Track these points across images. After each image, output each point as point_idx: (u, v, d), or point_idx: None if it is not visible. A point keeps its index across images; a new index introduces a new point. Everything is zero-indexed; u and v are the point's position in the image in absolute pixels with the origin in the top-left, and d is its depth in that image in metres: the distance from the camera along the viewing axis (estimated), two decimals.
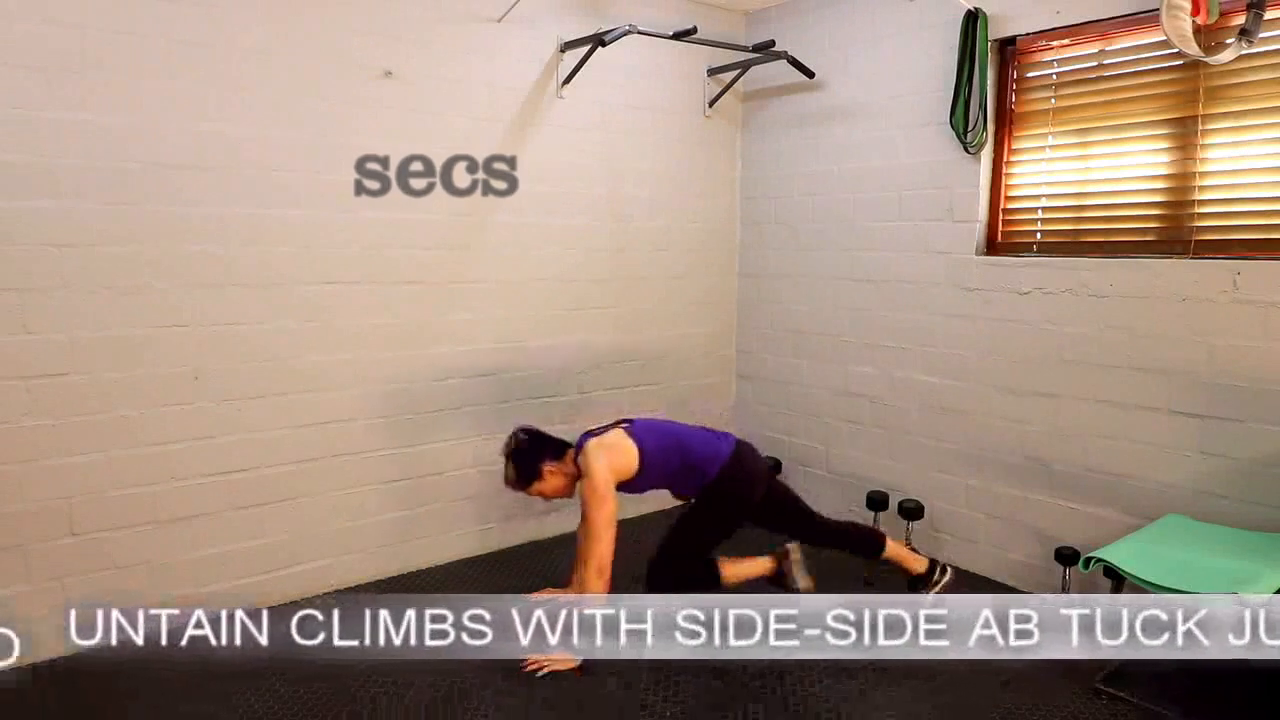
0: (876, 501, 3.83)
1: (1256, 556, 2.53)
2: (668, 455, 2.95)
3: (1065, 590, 3.24)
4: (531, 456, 2.97)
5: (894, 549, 3.17)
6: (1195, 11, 2.70)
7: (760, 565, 3.06)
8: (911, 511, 3.65)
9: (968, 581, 3.54)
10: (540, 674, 2.73)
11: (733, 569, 3.02)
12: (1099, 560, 2.55)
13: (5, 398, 2.69)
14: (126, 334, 2.87)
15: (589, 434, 2.99)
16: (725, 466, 2.95)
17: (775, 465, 4.32)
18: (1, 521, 2.72)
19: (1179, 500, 3.00)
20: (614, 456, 2.85)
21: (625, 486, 2.92)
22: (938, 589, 3.18)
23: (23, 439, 2.73)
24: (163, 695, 2.61)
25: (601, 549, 2.73)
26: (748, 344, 4.60)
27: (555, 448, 3.00)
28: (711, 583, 2.95)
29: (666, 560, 2.95)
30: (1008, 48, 3.50)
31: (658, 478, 2.97)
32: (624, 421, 3.05)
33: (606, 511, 2.76)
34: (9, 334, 2.68)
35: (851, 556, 3.24)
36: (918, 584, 3.21)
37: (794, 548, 3.07)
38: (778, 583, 3.05)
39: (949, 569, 3.21)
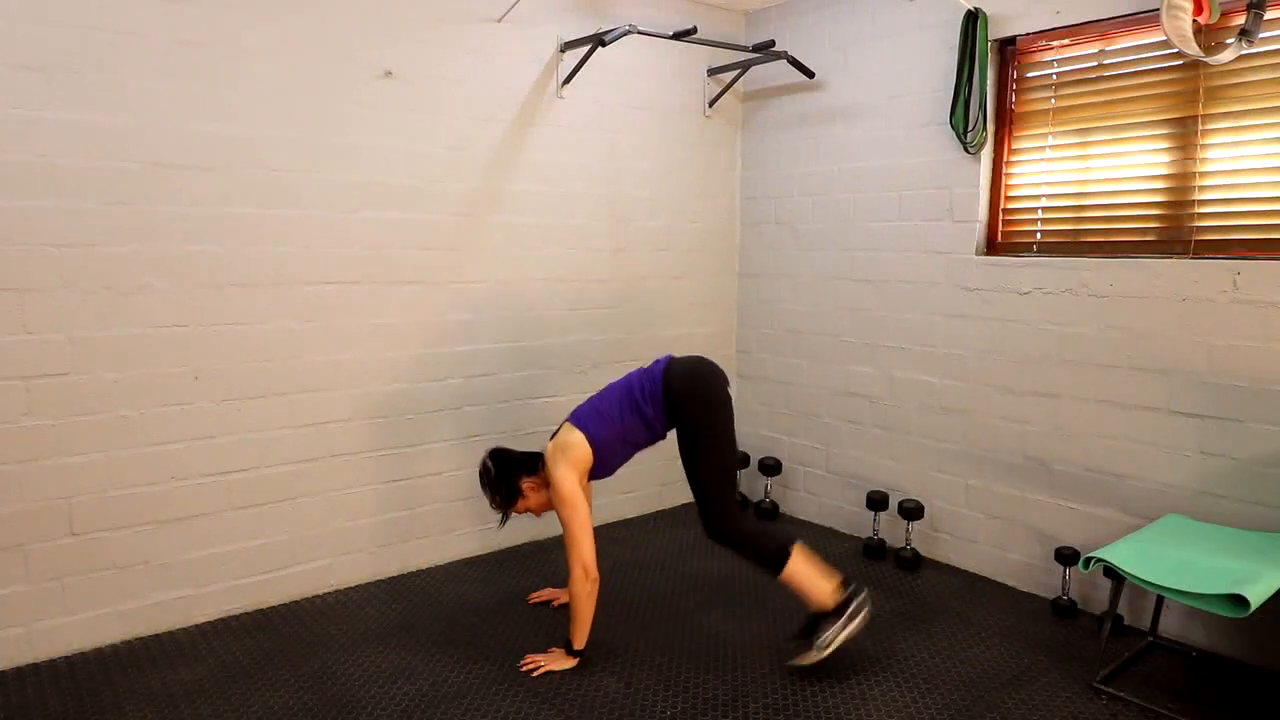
0: (876, 501, 3.83)
1: (1256, 556, 2.53)
2: (612, 421, 2.83)
3: (1065, 591, 3.24)
4: (508, 477, 2.89)
5: (797, 572, 2.72)
6: (1198, 11, 2.70)
7: (823, 590, 2.71)
8: (911, 511, 3.65)
9: (968, 581, 3.54)
10: (536, 673, 2.73)
11: (801, 571, 2.71)
12: (1099, 560, 2.55)
13: (5, 398, 2.69)
14: (126, 334, 2.87)
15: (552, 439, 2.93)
16: (665, 380, 2.81)
17: (775, 465, 4.33)
18: (1, 521, 2.72)
19: (1179, 500, 3.00)
20: (568, 454, 2.78)
21: (595, 474, 2.85)
22: (842, 633, 2.69)
23: (23, 439, 2.73)
24: (165, 695, 2.61)
25: (582, 551, 2.70)
26: (748, 344, 4.60)
27: (529, 463, 2.92)
28: (776, 562, 2.70)
29: (710, 516, 2.76)
30: (1008, 48, 3.50)
31: (619, 446, 2.87)
32: (571, 414, 2.95)
33: (579, 515, 2.72)
34: (9, 334, 2.68)
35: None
36: (819, 623, 2.72)
37: (865, 597, 2.74)
38: (823, 617, 2.70)
39: (863, 604, 2.74)
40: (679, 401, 2.81)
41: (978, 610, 3.27)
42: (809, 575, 2.73)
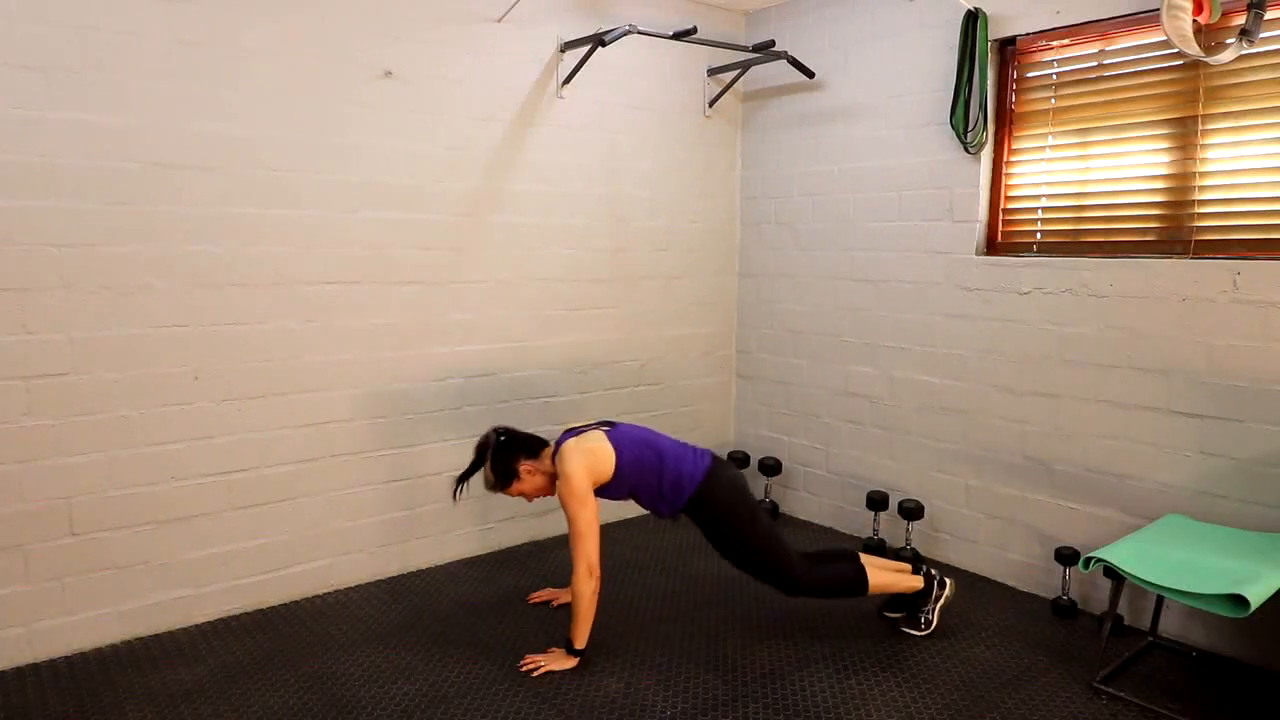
0: (876, 501, 3.83)
1: (1256, 556, 2.53)
2: (644, 467, 2.85)
3: (1065, 591, 3.24)
4: (507, 456, 2.87)
5: (881, 584, 2.99)
6: (1198, 11, 2.70)
7: (908, 582, 3.03)
8: (911, 511, 3.65)
9: (968, 581, 3.54)
10: (536, 673, 2.73)
11: (882, 581, 2.98)
12: (1099, 560, 2.55)
13: (5, 398, 2.69)
14: (126, 334, 2.87)
15: (570, 432, 2.92)
16: (700, 487, 2.84)
17: (775, 465, 4.33)
18: (1, 521, 2.72)
19: (1179, 500, 3.00)
20: (590, 459, 2.78)
21: (598, 492, 2.84)
22: (939, 605, 3.05)
23: (23, 439, 2.73)
24: (165, 695, 2.61)
25: (588, 549, 2.70)
26: (747, 344, 4.60)
27: (531, 446, 2.92)
28: (859, 589, 2.94)
29: (778, 586, 2.92)
30: (1008, 48, 3.50)
31: (629, 487, 2.89)
32: (605, 424, 2.97)
33: (588, 512, 2.72)
34: (9, 334, 2.68)
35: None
36: (917, 602, 3.07)
37: (952, 584, 3.08)
38: (911, 605, 3.07)
39: (948, 581, 3.09)
40: (695, 519, 2.91)
41: (978, 610, 3.27)
42: (890, 581, 3.01)
